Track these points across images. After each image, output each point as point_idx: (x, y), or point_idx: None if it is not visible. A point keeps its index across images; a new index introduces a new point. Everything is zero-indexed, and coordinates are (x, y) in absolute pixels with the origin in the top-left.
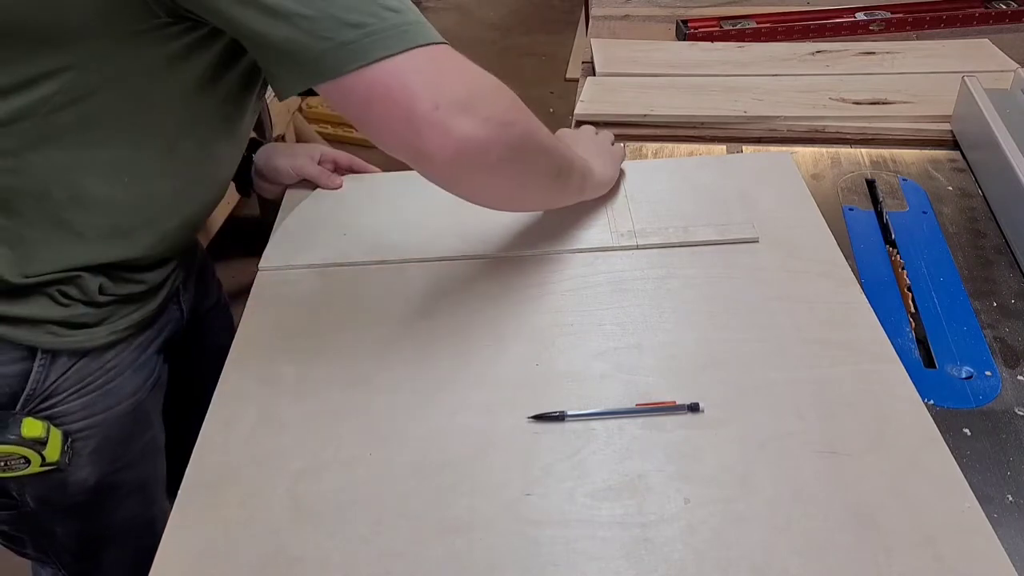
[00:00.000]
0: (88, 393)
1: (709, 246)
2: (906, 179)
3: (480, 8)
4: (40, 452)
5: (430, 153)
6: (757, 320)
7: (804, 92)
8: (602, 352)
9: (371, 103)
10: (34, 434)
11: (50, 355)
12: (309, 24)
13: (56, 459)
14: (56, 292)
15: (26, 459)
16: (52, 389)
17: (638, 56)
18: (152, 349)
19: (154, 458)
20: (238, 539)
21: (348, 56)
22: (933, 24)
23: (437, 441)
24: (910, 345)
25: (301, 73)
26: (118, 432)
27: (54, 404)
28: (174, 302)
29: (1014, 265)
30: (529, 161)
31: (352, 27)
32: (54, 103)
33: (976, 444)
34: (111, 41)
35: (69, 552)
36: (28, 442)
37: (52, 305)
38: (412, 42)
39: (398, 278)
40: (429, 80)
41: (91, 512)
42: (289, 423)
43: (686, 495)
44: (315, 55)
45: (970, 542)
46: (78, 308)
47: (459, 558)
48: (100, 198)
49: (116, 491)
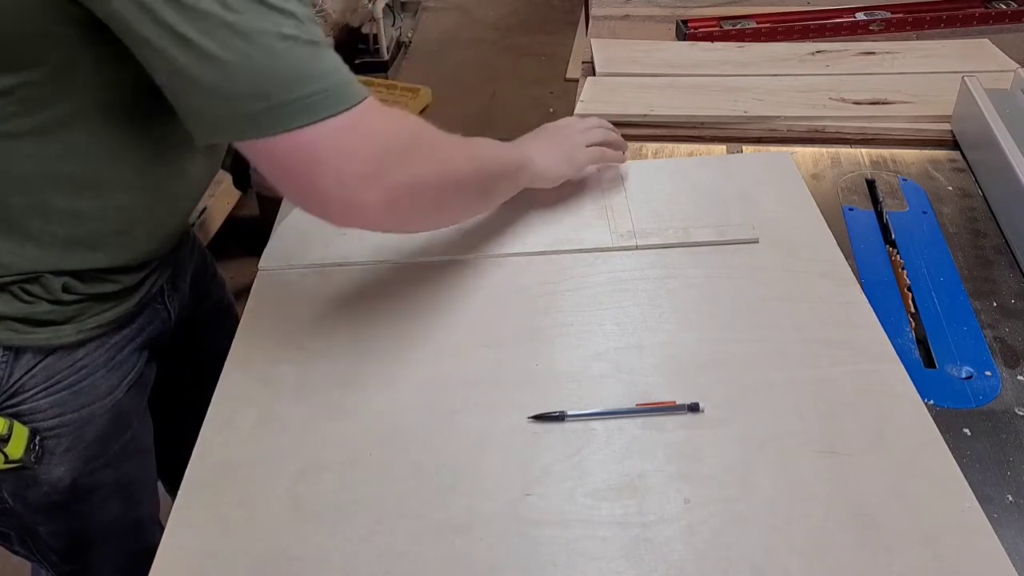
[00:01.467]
0: (58, 391)
1: (709, 246)
2: (906, 179)
3: (480, 8)
4: (1, 449)
5: (338, 222)
6: (757, 320)
7: (804, 92)
8: (602, 352)
9: (278, 172)
10: None
11: (12, 352)
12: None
13: (19, 456)
14: (17, 289)
15: None
16: (18, 386)
17: (638, 56)
18: (130, 348)
19: (137, 459)
20: (238, 539)
21: (254, 126)
22: (933, 24)
23: (437, 441)
24: (910, 345)
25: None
26: (93, 432)
27: (22, 401)
28: (158, 302)
29: (1014, 265)
30: (445, 203)
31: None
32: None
33: (976, 444)
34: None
35: (55, 552)
36: None
37: (12, 301)
38: (323, 112)
39: (398, 278)
40: (333, 155)
41: (71, 512)
42: (289, 423)
43: (686, 495)
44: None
45: (970, 542)
46: (41, 305)
47: (459, 558)
48: (63, 209)
49: (96, 491)
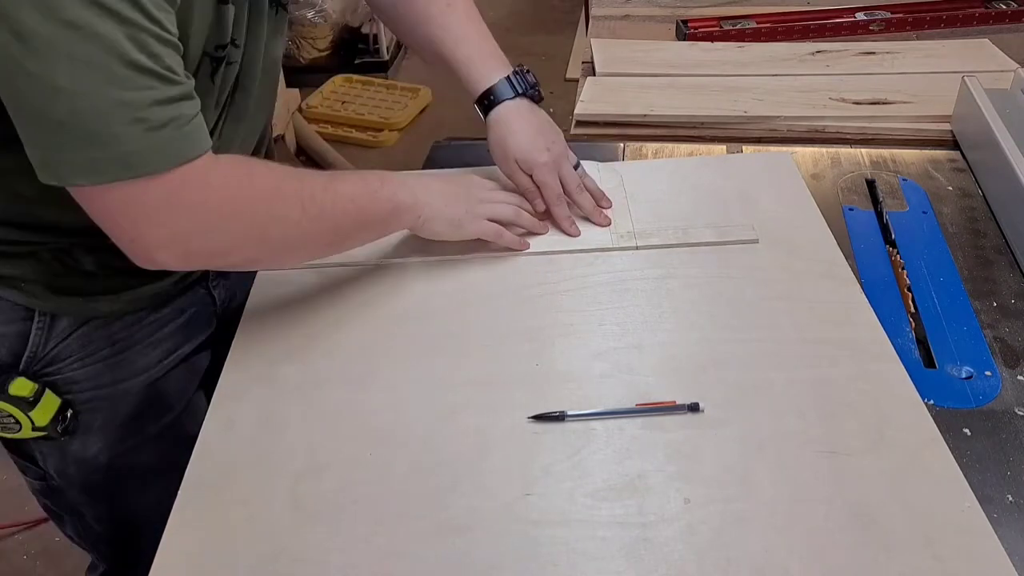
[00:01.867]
0: (93, 363)
1: (709, 246)
2: (906, 179)
3: (480, 8)
4: (27, 413)
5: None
6: (757, 320)
7: (804, 92)
8: (602, 352)
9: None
10: (21, 393)
11: (48, 317)
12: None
13: (44, 424)
14: (49, 256)
15: (16, 420)
16: (53, 354)
17: (638, 56)
18: (170, 328)
19: (181, 446)
20: (238, 539)
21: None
22: (933, 24)
23: (437, 441)
24: (910, 345)
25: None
26: (127, 409)
27: (58, 370)
28: (201, 286)
29: (1014, 265)
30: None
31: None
32: None
33: (976, 444)
34: None
35: (103, 540)
36: (13, 400)
37: (46, 268)
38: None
39: (398, 278)
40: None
41: (111, 495)
42: (289, 423)
43: (686, 495)
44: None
45: (970, 542)
46: (73, 276)
47: (459, 558)
48: None
49: (133, 474)
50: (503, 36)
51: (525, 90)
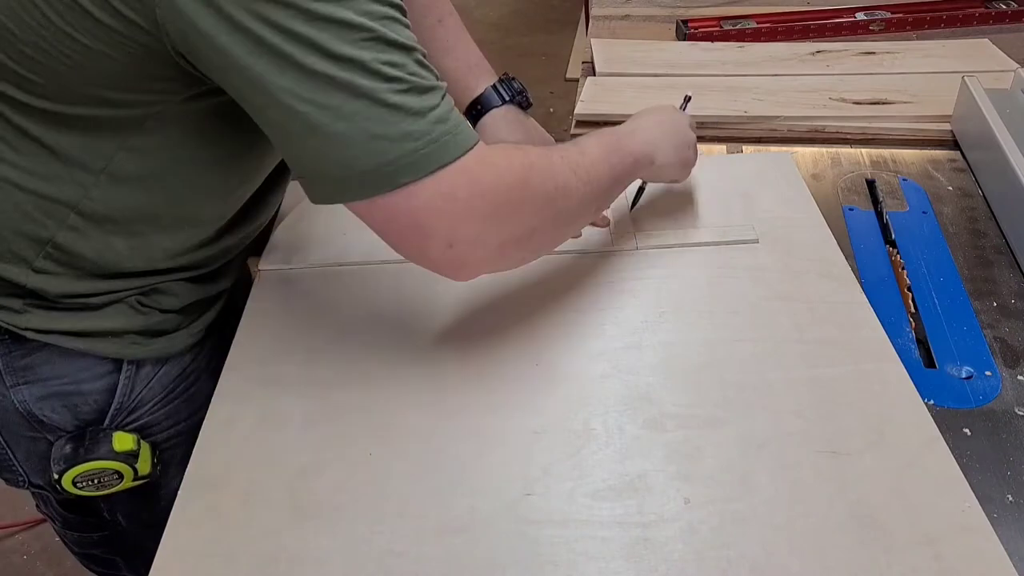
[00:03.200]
0: (171, 401)
1: (709, 246)
2: (906, 179)
3: (480, 8)
4: (132, 466)
5: (447, 276)
6: (757, 320)
7: (804, 92)
8: (602, 352)
9: (388, 233)
10: (126, 447)
11: (135, 366)
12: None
13: (147, 472)
14: (134, 301)
15: (119, 474)
16: (138, 401)
17: (638, 56)
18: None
19: None
20: (238, 539)
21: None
22: (933, 24)
23: (437, 441)
24: (910, 345)
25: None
26: None
27: (141, 416)
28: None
29: (1014, 265)
30: (559, 237)
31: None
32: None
33: (976, 444)
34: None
35: None
36: (121, 456)
37: (132, 314)
38: (430, 166)
39: (398, 278)
40: (443, 218)
41: None
42: (289, 423)
43: (686, 495)
44: (334, 179)
45: (970, 542)
46: (155, 316)
47: (459, 558)
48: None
49: None
50: (503, 36)
51: (512, 96)
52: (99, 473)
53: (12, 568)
